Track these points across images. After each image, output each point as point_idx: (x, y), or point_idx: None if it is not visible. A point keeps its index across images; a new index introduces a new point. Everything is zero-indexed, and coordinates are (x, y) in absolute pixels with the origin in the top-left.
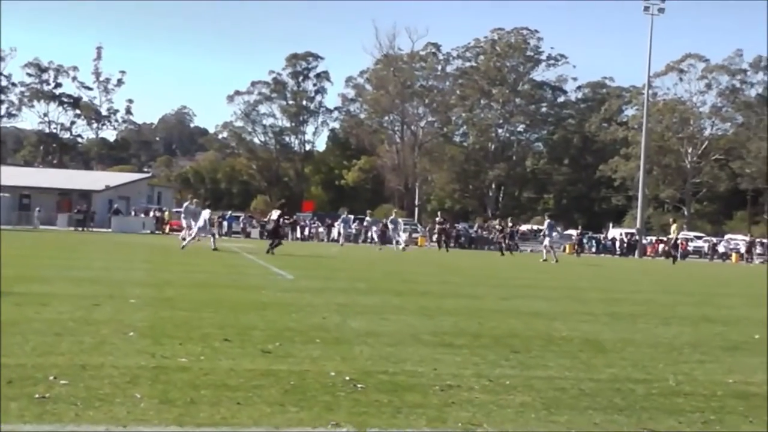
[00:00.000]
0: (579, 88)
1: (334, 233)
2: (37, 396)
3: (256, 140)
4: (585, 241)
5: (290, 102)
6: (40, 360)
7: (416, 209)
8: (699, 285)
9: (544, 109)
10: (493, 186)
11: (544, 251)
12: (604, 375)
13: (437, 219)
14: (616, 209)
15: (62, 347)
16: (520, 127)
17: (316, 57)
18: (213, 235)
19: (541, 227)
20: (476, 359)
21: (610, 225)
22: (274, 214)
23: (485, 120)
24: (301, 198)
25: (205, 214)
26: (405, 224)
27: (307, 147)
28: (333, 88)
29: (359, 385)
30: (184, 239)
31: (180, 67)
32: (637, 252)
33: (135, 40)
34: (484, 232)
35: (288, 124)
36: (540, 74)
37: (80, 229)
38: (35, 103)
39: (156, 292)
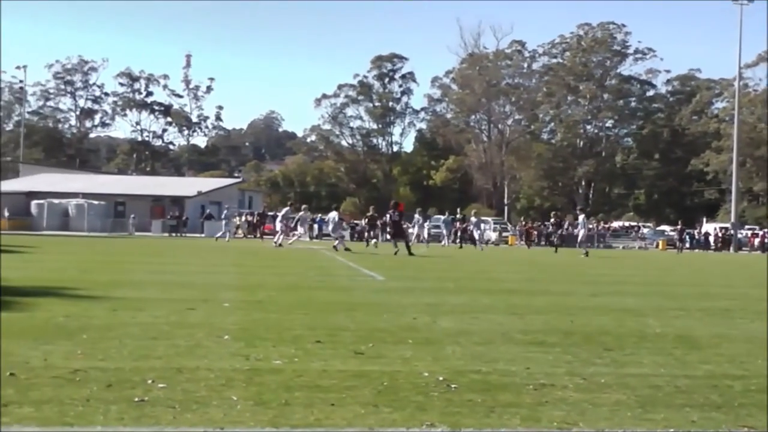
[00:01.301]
0: (668, 81)
1: (424, 233)
2: (136, 399)
3: (343, 143)
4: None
5: (376, 104)
6: (137, 364)
7: (505, 208)
8: None
9: (632, 104)
10: (583, 183)
11: (581, 246)
12: (699, 372)
13: (458, 216)
14: (709, 203)
15: (158, 351)
16: (609, 123)
17: (401, 58)
18: (341, 237)
19: (633, 223)
20: (569, 357)
21: (704, 219)
22: (387, 216)
23: (572, 116)
24: (390, 199)
25: (332, 215)
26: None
27: (395, 148)
28: (419, 89)
29: (452, 385)
30: (280, 244)
31: (267, 72)
32: (732, 246)
33: (223, 47)
34: (574, 230)
35: (375, 126)
36: (627, 68)
37: (174, 234)
38: (128, 112)
39: (247, 295)
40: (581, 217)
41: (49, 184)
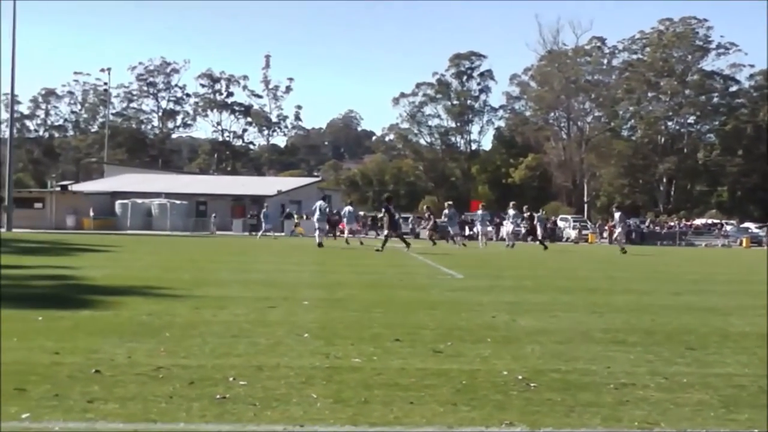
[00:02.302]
0: (752, 76)
1: (503, 232)
2: (217, 396)
3: (422, 141)
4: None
5: (455, 102)
6: (218, 361)
7: (585, 206)
8: None
9: (715, 99)
10: (664, 180)
11: (618, 244)
12: None
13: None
14: None
15: (239, 349)
16: (690, 119)
17: (480, 56)
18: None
19: (716, 221)
20: (650, 357)
21: None
22: (383, 210)
23: (653, 113)
24: (468, 197)
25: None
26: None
27: (473, 146)
28: (497, 87)
29: (531, 384)
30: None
31: (346, 71)
32: None
33: (301, 47)
34: (656, 227)
35: (453, 124)
36: (709, 64)
37: (254, 233)
38: (209, 112)
39: (327, 293)
40: (617, 215)
41: (133, 185)
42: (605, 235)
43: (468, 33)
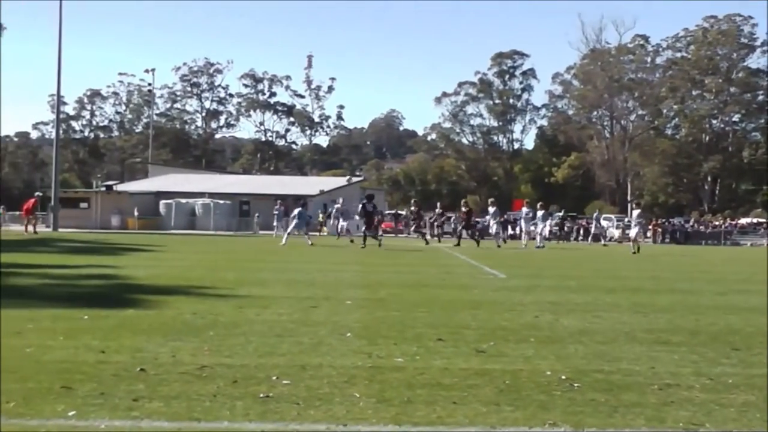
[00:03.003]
0: None
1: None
2: (261, 395)
3: (464, 140)
4: None
5: (497, 101)
6: (262, 360)
7: (628, 205)
8: None
9: (760, 97)
10: (708, 179)
11: (632, 243)
12: None
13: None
14: None
15: (282, 348)
16: (735, 117)
17: (522, 55)
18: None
19: (761, 220)
20: (695, 357)
21: None
22: (360, 207)
23: (698, 111)
24: (511, 197)
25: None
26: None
27: (515, 145)
28: (540, 86)
29: (575, 384)
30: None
31: (388, 71)
32: None
33: (343, 47)
34: (701, 227)
35: (495, 123)
36: (755, 61)
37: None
38: (252, 112)
39: (369, 293)
40: (636, 212)
41: (177, 185)
42: (649, 234)
43: (510, 32)
